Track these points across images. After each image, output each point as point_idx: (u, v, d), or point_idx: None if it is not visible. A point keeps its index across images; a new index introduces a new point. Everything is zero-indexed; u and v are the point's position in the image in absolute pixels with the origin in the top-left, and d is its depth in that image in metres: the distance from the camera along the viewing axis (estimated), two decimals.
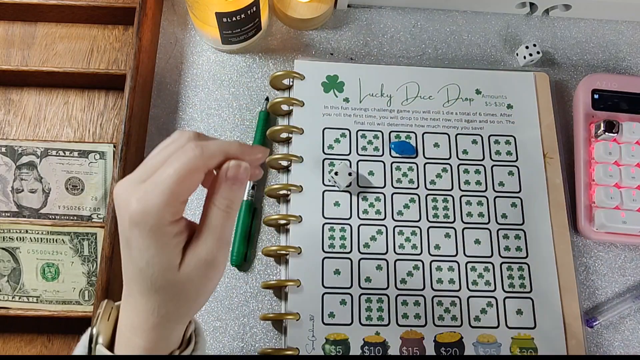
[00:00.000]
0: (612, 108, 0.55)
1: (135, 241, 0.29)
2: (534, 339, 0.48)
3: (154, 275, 0.30)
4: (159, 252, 0.30)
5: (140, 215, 0.29)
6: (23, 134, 0.54)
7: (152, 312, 0.31)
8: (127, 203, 0.29)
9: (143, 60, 0.52)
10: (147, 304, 0.31)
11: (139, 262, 0.30)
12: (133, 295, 0.31)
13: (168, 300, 0.31)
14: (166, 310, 0.31)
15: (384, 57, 0.59)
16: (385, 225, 0.51)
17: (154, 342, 0.31)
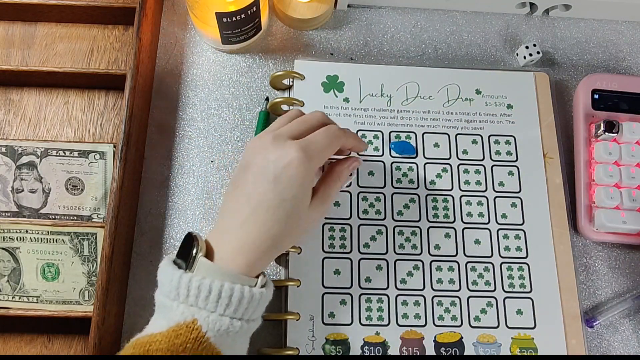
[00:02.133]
0: (612, 108, 0.55)
1: (290, 179, 0.38)
2: (534, 339, 0.48)
3: (292, 205, 0.39)
4: (304, 189, 0.40)
5: (303, 159, 0.39)
6: (23, 134, 0.54)
7: (269, 235, 0.38)
8: (288, 148, 0.39)
9: (143, 60, 0.52)
10: (270, 229, 0.38)
11: (285, 195, 0.38)
12: (256, 221, 0.38)
13: (288, 228, 0.39)
14: (281, 235, 0.39)
15: (384, 57, 0.59)
16: (385, 225, 0.51)
17: (255, 261, 0.38)
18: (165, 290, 0.36)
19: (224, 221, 0.40)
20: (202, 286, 0.35)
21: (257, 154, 0.40)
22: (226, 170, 0.53)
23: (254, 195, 0.38)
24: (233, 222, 0.39)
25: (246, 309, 0.37)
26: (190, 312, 0.35)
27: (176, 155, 0.54)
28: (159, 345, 0.34)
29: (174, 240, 0.51)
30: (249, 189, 0.39)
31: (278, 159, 0.39)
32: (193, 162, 0.54)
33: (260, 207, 0.38)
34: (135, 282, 0.50)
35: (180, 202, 0.52)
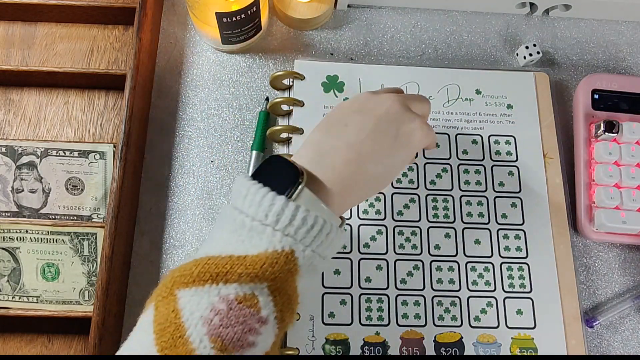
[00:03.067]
0: (612, 108, 0.55)
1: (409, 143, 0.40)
2: (534, 339, 0.48)
3: (398, 167, 0.41)
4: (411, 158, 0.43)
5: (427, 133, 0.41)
6: (23, 134, 0.54)
7: (368, 185, 0.39)
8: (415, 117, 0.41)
9: (143, 60, 0.52)
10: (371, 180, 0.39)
11: (399, 154, 0.40)
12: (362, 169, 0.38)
13: (385, 184, 0.41)
14: (377, 189, 0.41)
15: (384, 57, 0.59)
16: (385, 225, 0.51)
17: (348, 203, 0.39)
18: (257, 212, 0.34)
19: (322, 155, 0.38)
20: (308, 218, 0.34)
21: (382, 106, 0.40)
22: (226, 170, 0.53)
23: (368, 142, 0.39)
24: (335, 159, 0.38)
25: (332, 249, 0.36)
26: (288, 242, 0.33)
27: (176, 155, 0.54)
28: (245, 269, 0.32)
29: (174, 240, 0.51)
30: (365, 134, 0.39)
31: (405, 121, 0.40)
32: (193, 162, 0.54)
33: (372, 157, 0.38)
34: (135, 282, 0.50)
35: (180, 202, 0.52)
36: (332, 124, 0.40)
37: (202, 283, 0.32)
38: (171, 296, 0.32)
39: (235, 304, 0.32)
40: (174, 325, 0.31)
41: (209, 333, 0.31)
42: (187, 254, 0.51)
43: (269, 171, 0.36)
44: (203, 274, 0.32)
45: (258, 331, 0.32)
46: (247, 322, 0.32)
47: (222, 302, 0.31)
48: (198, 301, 0.32)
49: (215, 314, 0.31)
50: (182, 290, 0.32)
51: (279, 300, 0.33)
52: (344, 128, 0.39)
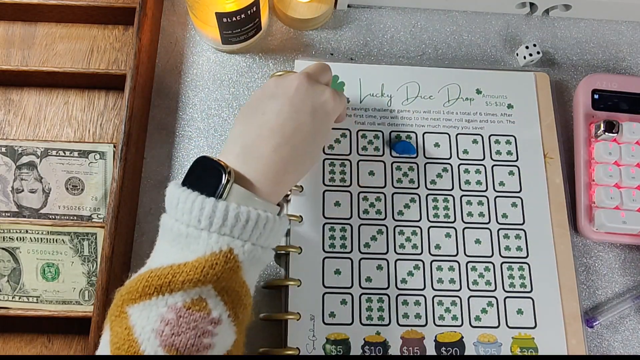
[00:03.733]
0: (612, 108, 0.56)
1: (326, 114, 0.43)
2: (534, 339, 0.48)
3: (322, 139, 0.43)
4: (331, 126, 0.45)
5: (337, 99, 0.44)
6: (23, 134, 0.54)
7: (299, 165, 0.40)
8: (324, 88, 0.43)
9: (143, 60, 0.52)
10: (301, 159, 0.41)
11: (320, 128, 0.42)
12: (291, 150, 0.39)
13: (314, 160, 0.43)
14: (308, 166, 0.42)
15: (384, 57, 0.59)
16: (386, 225, 0.51)
17: (282, 188, 0.40)
18: (187, 219, 0.34)
19: (249, 146, 0.39)
20: (240, 215, 0.34)
21: (288, 87, 0.42)
22: None
23: (289, 123, 0.40)
24: (261, 149, 0.39)
25: (273, 238, 0.37)
26: (225, 241, 0.34)
27: (176, 155, 0.54)
28: (187, 276, 0.33)
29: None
30: (283, 116, 0.40)
31: (316, 95, 0.42)
32: None
33: (295, 137, 0.40)
34: None
35: None
36: (250, 114, 0.41)
37: (149, 297, 0.33)
38: (123, 314, 0.33)
39: (184, 310, 0.32)
40: (127, 343, 0.32)
41: (162, 344, 0.31)
42: None
43: (197, 174, 0.37)
44: (147, 287, 0.33)
45: (212, 332, 0.33)
46: (198, 326, 0.32)
47: (171, 312, 0.32)
48: (147, 315, 0.32)
49: (165, 324, 0.32)
50: (131, 306, 0.33)
51: (227, 299, 0.34)
52: (262, 116, 0.40)
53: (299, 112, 0.41)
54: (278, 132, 0.39)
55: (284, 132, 0.39)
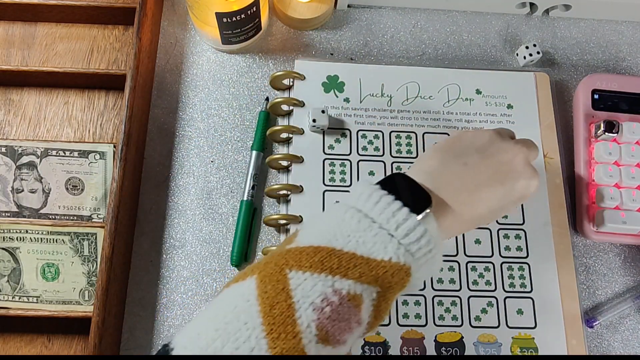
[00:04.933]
0: (612, 108, 0.55)
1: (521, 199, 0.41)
2: (534, 339, 0.48)
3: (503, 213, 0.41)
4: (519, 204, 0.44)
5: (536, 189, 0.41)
6: (23, 134, 0.54)
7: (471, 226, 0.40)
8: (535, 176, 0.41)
9: (143, 60, 0.52)
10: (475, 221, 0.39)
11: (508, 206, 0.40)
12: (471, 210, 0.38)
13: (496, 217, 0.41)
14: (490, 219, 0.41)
15: (384, 57, 0.59)
16: None
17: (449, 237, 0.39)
18: (387, 221, 0.34)
19: (438, 188, 0.38)
20: (430, 244, 0.34)
21: (505, 156, 0.40)
22: (226, 170, 0.53)
23: (483, 188, 0.38)
24: (450, 195, 0.38)
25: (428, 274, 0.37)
26: (408, 258, 0.34)
27: (176, 155, 0.54)
28: (369, 270, 0.33)
29: (174, 240, 0.51)
30: (483, 179, 0.39)
31: (524, 178, 0.40)
32: (193, 162, 0.54)
33: (483, 203, 0.39)
34: (135, 282, 0.50)
35: (180, 202, 0.52)
36: (450, 157, 0.40)
37: (320, 271, 0.32)
38: (282, 275, 0.32)
39: (346, 300, 0.32)
40: (284, 304, 0.31)
41: (317, 320, 0.31)
42: (187, 254, 0.51)
43: (394, 186, 0.36)
44: (323, 262, 0.33)
45: (352, 331, 0.32)
46: (349, 320, 0.32)
47: (335, 295, 0.32)
48: (312, 287, 0.32)
49: (327, 304, 0.31)
50: (295, 272, 0.32)
51: (378, 307, 0.34)
52: (462, 167, 0.39)
53: (499, 183, 0.39)
54: (470, 190, 0.38)
55: (475, 194, 0.38)
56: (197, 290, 0.50)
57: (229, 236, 0.51)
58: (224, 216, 0.52)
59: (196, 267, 0.50)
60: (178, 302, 0.49)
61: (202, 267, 0.50)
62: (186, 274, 0.50)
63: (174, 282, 0.50)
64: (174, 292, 0.50)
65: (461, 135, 0.42)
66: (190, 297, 0.49)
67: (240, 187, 0.53)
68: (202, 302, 0.49)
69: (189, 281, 0.50)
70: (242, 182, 0.53)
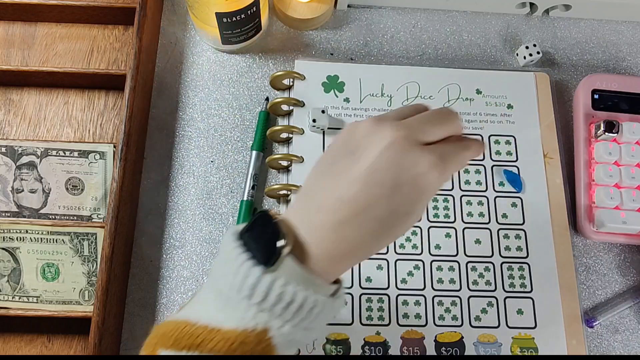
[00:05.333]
0: (612, 108, 0.55)
1: (412, 193, 0.32)
2: (534, 339, 0.48)
3: (402, 223, 0.32)
4: (421, 209, 0.33)
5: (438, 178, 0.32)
6: (23, 134, 0.54)
7: (365, 249, 0.33)
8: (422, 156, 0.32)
9: (143, 60, 0.52)
10: (369, 242, 0.32)
11: (400, 209, 0.32)
12: (356, 229, 0.32)
13: (387, 239, 0.33)
14: (376, 249, 0.33)
15: (384, 57, 0.59)
16: None
17: (341, 268, 0.33)
18: (233, 281, 0.30)
19: (312, 213, 0.32)
20: (284, 295, 0.30)
21: (375, 144, 0.32)
22: (226, 170, 0.53)
23: (361, 197, 0.31)
24: (327, 219, 0.32)
25: (322, 319, 0.32)
26: (262, 319, 0.30)
27: (176, 155, 0.54)
28: (215, 345, 0.30)
29: (174, 240, 0.51)
30: (355, 186, 0.31)
31: (405, 166, 0.31)
32: (193, 162, 0.54)
33: (365, 215, 0.31)
34: (135, 282, 0.50)
35: (180, 202, 0.52)
36: (323, 170, 0.34)
37: (180, 348, 0.31)
38: (155, 353, 0.32)
39: None
40: None
41: None
42: (187, 254, 0.51)
43: (255, 232, 0.32)
44: (180, 340, 0.31)
45: None
46: None
47: None
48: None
49: None
50: (163, 350, 0.31)
51: None
52: (335, 179, 0.32)
53: (377, 184, 0.31)
54: (346, 204, 0.31)
55: (352, 207, 0.31)
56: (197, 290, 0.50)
57: None
58: (224, 216, 0.52)
59: (196, 267, 0.50)
60: (178, 302, 0.49)
61: (202, 267, 0.50)
62: (186, 274, 0.50)
63: (174, 282, 0.50)
64: (174, 292, 0.50)
65: (335, 139, 0.34)
66: (190, 297, 0.49)
67: (240, 187, 0.53)
68: None
69: (189, 281, 0.50)
70: (242, 182, 0.53)
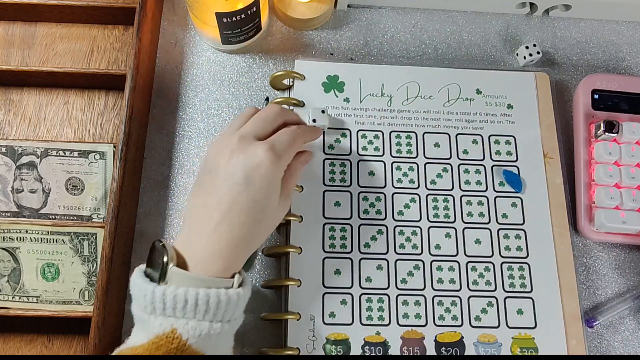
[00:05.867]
0: (612, 108, 0.56)
1: (262, 179, 0.39)
2: (534, 339, 0.48)
3: (265, 205, 0.40)
4: (275, 188, 0.41)
5: (273, 159, 0.40)
6: (23, 134, 0.54)
7: (243, 237, 0.39)
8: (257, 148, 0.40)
9: (143, 60, 0.52)
10: (244, 231, 0.38)
11: (258, 195, 0.39)
12: (230, 224, 0.38)
13: (262, 227, 0.40)
14: (255, 235, 0.40)
15: (384, 57, 0.59)
16: (386, 225, 0.51)
17: (231, 262, 0.38)
18: (140, 304, 0.36)
19: (193, 226, 0.39)
20: (178, 297, 0.35)
21: (223, 156, 0.40)
22: None
23: (225, 198, 0.38)
24: (204, 227, 0.38)
25: (225, 311, 0.37)
26: (168, 322, 0.35)
27: (176, 155, 0.54)
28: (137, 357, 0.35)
29: (174, 240, 0.51)
30: (219, 192, 0.39)
31: (248, 160, 0.39)
32: (193, 162, 0.54)
33: (233, 210, 0.38)
34: None
35: (180, 202, 0.52)
36: (194, 192, 0.41)
37: None
38: None
39: None
40: None
41: None
42: None
43: (149, 259, 0.38)
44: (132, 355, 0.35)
45: None
46: None
47: None
48: None
49: None
50: None
51: None
52: (204, 195, 0.40)
53: (234, 183, 0.39)
54: (216, 208, 0.38)
55: (221, 207, 0.38)
56: None
57: None
58: None
59: None
60: None
61: None
62: None
63: None
64: None
65: (200, 166, 0.45)
66: None
67: None
68: None
69: None
70: None
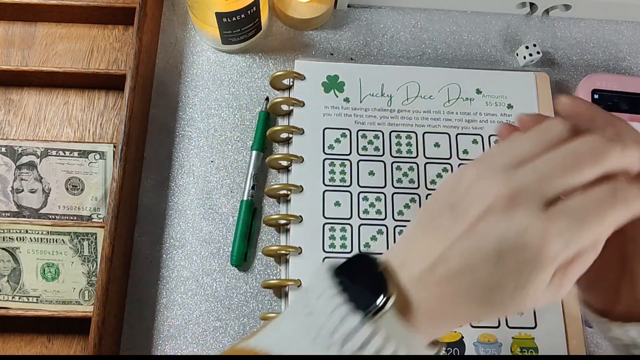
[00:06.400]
0: (612, 108, 0.55)
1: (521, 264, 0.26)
2: (534, 339, 0.48)
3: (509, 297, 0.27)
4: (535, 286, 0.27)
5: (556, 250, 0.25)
6: (23, 134, 0.54)
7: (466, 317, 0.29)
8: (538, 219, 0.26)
9: (143, 60, 0.52)
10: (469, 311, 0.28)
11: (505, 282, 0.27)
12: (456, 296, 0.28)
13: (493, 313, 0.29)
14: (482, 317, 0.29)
15: (384, 57, 0.59)
16: (386, 225, 0.51)
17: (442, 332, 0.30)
18: (325, 322, 0.27)
19: (412, 262, 0.29)
20: (384, 350, 0.26)
21: (476, 205, 0.27)
22: (226, 170, 0.53)
23: (461, 259, 0.27)
24: (427, 271, 0.28)
25: None
26: None
27: (176, 155, 0.54)
28: None
29: (174, 240, 0.51)
30: (458, 257, 0.27)
31: (515, 228, 0.26)
32: (193, 162, 0.54)
33: (466, 276, 0.27)
34: (135, 282, 0.50)
35: (180, 202, 0.52)
36: (423, 222, 0.30)
37: None
38: None
39: None
40: None
41: None
42: (187, 254, 0.51)
43: (353, 272, 0.30)
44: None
45: None
46: None
47: None
48: None
49: None
50: None
51: None
52: (434, 235, 0.29)
53: (478, 245, 0.27)
54: (445, 262, 0.28)
55: (451, 266, 0.27)
56: (197, 291, 0.50)
57: (229, 236, 0.51)
58: (224, 216, 0.52)
59: (196, 267, 0.50)
60: (178, 302, 0.49)
61: (202, 267, 0.50)
62: (186, 274, 0.50)
63: (174, 282, 0.50)
64: (174, 292, 0.50)
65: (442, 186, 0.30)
66: (190, 297, 0.49)
67: (240, 187, 0.53)
68: (202, 302, 0.49)
69: (189, 281, 0.50)
70: (242, 182, 0.53)
